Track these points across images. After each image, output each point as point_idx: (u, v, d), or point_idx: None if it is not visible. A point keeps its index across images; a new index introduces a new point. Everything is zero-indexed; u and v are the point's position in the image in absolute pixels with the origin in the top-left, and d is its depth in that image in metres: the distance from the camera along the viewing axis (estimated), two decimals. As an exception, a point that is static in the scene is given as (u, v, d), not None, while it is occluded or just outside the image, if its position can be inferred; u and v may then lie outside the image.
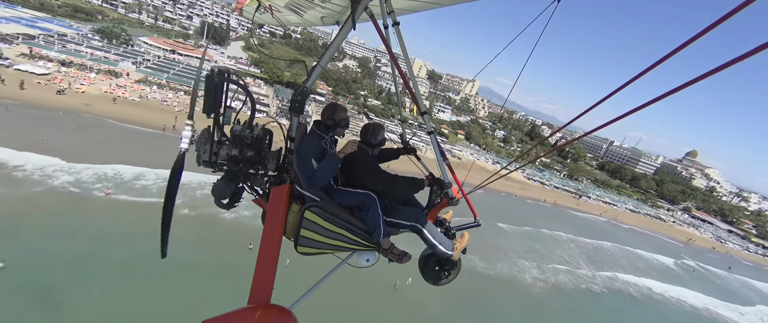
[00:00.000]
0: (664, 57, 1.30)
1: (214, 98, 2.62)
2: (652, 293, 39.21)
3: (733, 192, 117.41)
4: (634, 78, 1.43)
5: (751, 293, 50.66)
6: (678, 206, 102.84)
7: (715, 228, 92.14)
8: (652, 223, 78.67)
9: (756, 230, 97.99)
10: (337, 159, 2.74)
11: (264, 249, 2.64)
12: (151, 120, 40.36)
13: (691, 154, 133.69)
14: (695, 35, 1.18)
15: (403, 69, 2.81)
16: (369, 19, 2.83)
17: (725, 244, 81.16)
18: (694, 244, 72.42)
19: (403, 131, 4.06)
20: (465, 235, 3.38)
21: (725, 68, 1.07)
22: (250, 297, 2.53)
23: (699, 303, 40.21)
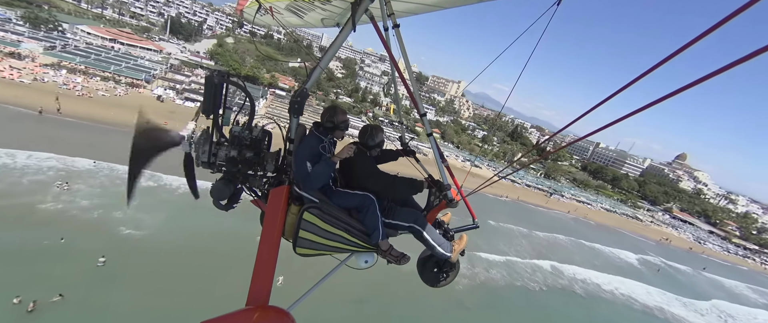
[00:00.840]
0: (658, 64, 1.33)
1: (213, 99, 2.60)
2: (599, 290, 36.29)
3: (720, 195, 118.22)
4: (626, 85, 1.46)
5: (716, 291, 49.23)
6: (659, 207, 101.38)
7: (695, 229, 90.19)
8: (626, 222, 76.45)
9: (739, 232, 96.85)
10: (332, 164, 2.75)
11: (262, 250, 2.63)
12: (29, 102, 36.46)
13: (681, 157, 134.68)
14: (689, 42, 1.20)
15: (403, 71, 2.88)
16: (369, 21, 2.85)
17: (704, 245, 79.19)
18: (670, 244, 70.71)
19: (403, 132, 4.06)
20: (463, 237, 3.45)
21: (717, 75, 1.10)
22: (249, 298, 2.50)
23: (652, 301, 37.49)
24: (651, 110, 1.36)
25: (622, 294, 36.79)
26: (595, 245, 50.19)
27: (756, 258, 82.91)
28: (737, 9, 1.04)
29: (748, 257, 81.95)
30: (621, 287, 38.12)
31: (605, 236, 56.92)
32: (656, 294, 39.55)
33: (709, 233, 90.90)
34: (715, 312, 40.85)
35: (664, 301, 38.45)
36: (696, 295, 43.47)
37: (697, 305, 40.59)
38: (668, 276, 48.00)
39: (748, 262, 77.83)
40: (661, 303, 37.64)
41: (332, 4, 3.14)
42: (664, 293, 40.37)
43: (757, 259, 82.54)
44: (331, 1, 3.08)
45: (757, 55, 1.00)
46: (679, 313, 36.51)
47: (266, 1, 3.71)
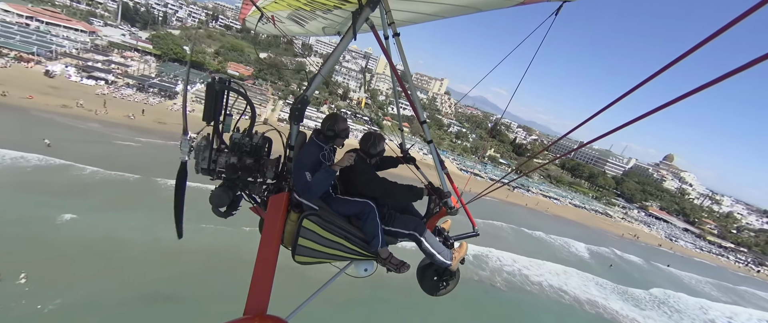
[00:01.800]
0: (656, 73, 1.35)
1: (214, 105, 2.60)
2: (526, 282, 32.61)
3: (704, 195, 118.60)
4: (625, 94, 1.48)
5: (667, 284, 45.89)
6: (635, 205, 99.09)
7: (668, 226, 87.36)
8: (593, 218, 73.60)
9: (718, 231, 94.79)
10: (333, 173, 2.73)
11: (261, 258, 2.58)
12: None
13: (668, 158, 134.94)
14: (687, 52, 1.22)
15: (403, 79, 2.88)
16: (370, 29, 2.86)
17: (675, 242, 76.06)
18: (638, 240, 67.28)
19: (403, 139, 4.03)
20: (463, 245, 3.41)
21: (713, 85, 1.12)
22: (247, 308, 2.45)
23: (585, 294, 33.99)
24: (651, 116, 1.38)
25: (552, 287, 33.26)
26: (539, 233, 47.10)
27: (730, 256, 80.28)
28: (742, 14, 1.07)
29: (722, 255, 79.30)
30: (553, 279, 34.59)
31: (560, 229, 53.90)
32: (594, 288, 36.23)
33: (684, 230, 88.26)
34: (654, 302, 38.24)
35: (601, 295, 35.08)
36: (642, 287, 41.01)
37: (637, 297, 37.67)
38: (620, 271, 44.70)
39: (721, 260, 75.39)
40: (597, 297, 34.26)
41: (333, 13, 3.24)
42: (604, 286, 37.04)
43: (731, 257, 79.92)
44: (333, 11, 3.18)
45: (760, 62, 1.02)
46: (613, 307, 33.08)
47: (268, 10, 3.76)
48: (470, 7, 2.69)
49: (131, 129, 38.89)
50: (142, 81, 52.41)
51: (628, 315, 32.62)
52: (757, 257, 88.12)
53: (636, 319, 32.42)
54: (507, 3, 2.50)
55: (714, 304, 43.92)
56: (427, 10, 2.93)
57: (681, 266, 58.43)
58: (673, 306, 38.57)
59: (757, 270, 77.66)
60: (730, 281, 60.04)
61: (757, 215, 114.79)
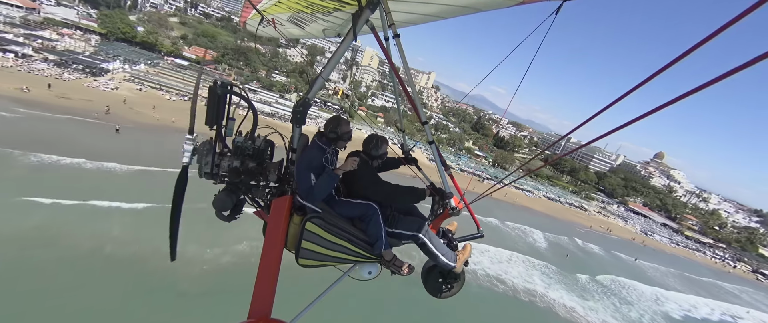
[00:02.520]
0: (655, 74, 1.36)
1: (216, 109, 2.59)
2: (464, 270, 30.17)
3: (691, 192, 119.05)
4: (624, 95, 1.50)
5: (624, 274, 43.75)
6: (615, 200, 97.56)
7: (646, 221, 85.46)
8: (566, 210, 71.63)
9: (699, 227, 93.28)
10: (336, 176, 2.73)
11: (265, 261, 2.58)
12: None
13: (658, 155, 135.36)
14: (686, 52, 1.22)
15: (404, 80, 2.91)
16: (370, 31, 2.86)
17: (651, 236, 73.87)
18: (610, 233, 65.17)
19: (404, 140, 4.05)
20: (467, 246, 3.39)
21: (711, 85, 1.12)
22: (251, 311, 2.46)
23: (523, 283, 31.36)
24: (649, 117, 1.38)
25: (488, 275, 30.79)
26: (493, 220, 44.52)
27: (707, 252, 78.27)
28: (740, 14, 1.08)
29: (698, 250, 77.30)
30: (493, 267, 32.15)
31: (522, 218, 51.45)
32: (538, 276, 33.84)
33: (663, 226, 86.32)
34: (604, 292, 35.94)
35: (544, 283, 32.71)
36: (593, 275, 39.03)
37: (584, 287, 35.39)
38: (576, 260, 42.34)
39: (696, 255, 73.57)
40: (537, 285, 31.87)
41: (334, 15, 3.25)
42: (550, 276, 34.55)
43: (708, 253, 77.85)
44: (333, 13, 3.19)
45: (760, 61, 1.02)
46: (552, 296, 30.68)
47: (269, 13, 3.76)
48: (470, 8, 2.72)
49: (16, 101, 35.91)
50: (64, 56, 49.80)
51: (566, 305, 30.27)
52: (737, 253, 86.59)
53: (575, 308, 30.07)
54: (507, 3, 2.50)
55: (670, 293, 42.50)
56: (427, 10, 2.99)
57: (650, 259, 56.61)
58: (625, 298, 36.35)
59: (733, 265, 75.85)
60: (699, 274, 59.12)
61: (744, 213, 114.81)
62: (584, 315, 29.34)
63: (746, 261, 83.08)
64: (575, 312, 29.58)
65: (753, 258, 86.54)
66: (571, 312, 29.27)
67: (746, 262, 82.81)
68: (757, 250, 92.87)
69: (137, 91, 49.30)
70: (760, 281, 73.74)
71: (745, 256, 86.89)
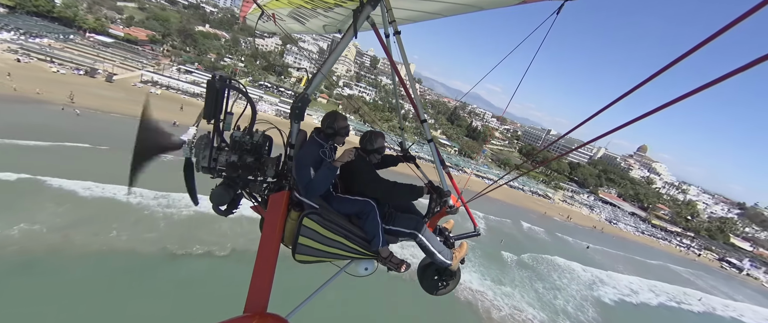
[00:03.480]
0: (654, 74, 1.37)
1: (214, 103, 2.57)
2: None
3: (671, 183, 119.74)
4: (622, 96, 1.52)
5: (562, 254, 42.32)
6: (586, 189, 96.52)
7: (613, 210, 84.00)
8: (526, 198, 70.08)
9: (670, 216, 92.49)
10: (334, 169, 2.71)
11: (261, 256, 2.57)
12: None
13: (642, 149, 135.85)
14: (686, 52, 1.23)
15: (404, 77, 2.90)
16: (371, 28, 2.81)
17: (615, 224, 72.07)
18: (569, 221, 63.38)
19: (403, 138, 4.02)
20: (464, 244, 3.39)
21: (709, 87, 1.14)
22: (247, 306, 2.44)
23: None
24: (647, 118, 1.41)
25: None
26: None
27: (673, 240, 76.90)
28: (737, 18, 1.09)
29: (665, 239, 75.86)
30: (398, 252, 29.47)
31: (473, 204, 48.67)
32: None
33: (631, 214, 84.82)
34: (524, 276, 33.39)
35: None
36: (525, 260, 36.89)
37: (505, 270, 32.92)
38: (512, 245, 39.94)
39: (660, 243, 71.86)
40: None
41: (334, 11, 3.22)
42: (472, 259, 32.06)
43: (674, 241, 76.44)
44: (333, 9, 3.16)
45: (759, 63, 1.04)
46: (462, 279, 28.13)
47: (269, 8, 3.77)
48: (472, 6, 2.69)
49: None
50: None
51: (478, 289, 27.84)
52: (705, 242, 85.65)
53: (485, 293, 27.67)
54: (508, 1, 2.47)
55: (610, 275, 40.93)
56: (429, 8, 2.95)
57: (606, 245, 55.66)
58: (554, 282, 34.13)
59: (698, 253, 74.63)
60: (652, 258, 58.28)
61: (723, 205, 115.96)
62: (492, 300, 26.96)
63: (713, 250, 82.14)
64: (484, 296, 27.19)
65: (721, 246, 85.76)
66: (478, 296, 26.86)
67: (713, 251, 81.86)
68: (728, 239, 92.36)
69: (15, 62, 45.27)
70: (724, 269, 72.71)
71: (714, 245, 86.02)
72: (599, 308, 32.18)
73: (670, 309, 38.81)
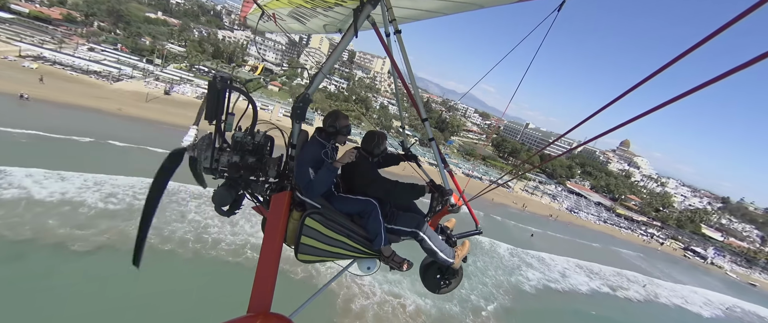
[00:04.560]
0: (653, 74, 1.38)
1: (216, 104, 2.57)
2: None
3: (649, 177, 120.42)
4: (619, 96, 1.55)
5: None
6: (554, 180, 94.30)
7: (578, 199, 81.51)
8: (481, 186, 65.60)
9: (639, 207, 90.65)
10: (335, 170, 2.71)
11: (264, 256, 2.59)
12: None
13: (624, 143, 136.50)
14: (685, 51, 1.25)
15: (405, 76, 2.91)
16: (371, 27, 2.80)
17: (576, 214, 69.25)
18: (525, 209, 61.39)
19: (405, 137, 4.07)
20: (466, 243, 3.38)
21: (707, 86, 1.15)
22: (250, 306, 2.47)
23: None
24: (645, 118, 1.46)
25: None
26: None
27: (638, 229, 74.64)
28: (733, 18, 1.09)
29: (629, 228, 73.28)
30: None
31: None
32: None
33: (597, 204, 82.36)
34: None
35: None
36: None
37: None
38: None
39: (621, 232, 69.14)
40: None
41: (334, 10, 3.19)
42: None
43: (638, 230, 74.09)
44: (334, 8, 3.13)
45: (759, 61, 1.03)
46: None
47: (269, 8, 3.75)
48: (472, 4, 2.66)
49: None
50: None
51: (353, 273, 24.28)
52: (673, 232, 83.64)
53: (358, 279, 24.15)
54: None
55: (543, 256, 38.82)
56: (429, 6, 2.94)
57: (557, 231, 53.30)
58: (467, 269, 30.67)
59: (661, 242, 72.29)
60: (608, 245, 56.75)
61: (701, 198, 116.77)
62: (363, 286, 23.35)
63: (680, 239, 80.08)
64: (356, 282, 23.63)
65: (688, 235, 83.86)
66: (348, 282, 23.30)
67: (680, 240, 79.80)
68: (699, 229, 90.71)
69: None
70: (687, 257, 70.36)
71: (682, 234, 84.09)
72: (512, 296, 28.78)
73: (603, 295, 35.68)
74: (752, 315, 49.36)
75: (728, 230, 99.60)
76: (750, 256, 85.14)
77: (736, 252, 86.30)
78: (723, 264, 72.52)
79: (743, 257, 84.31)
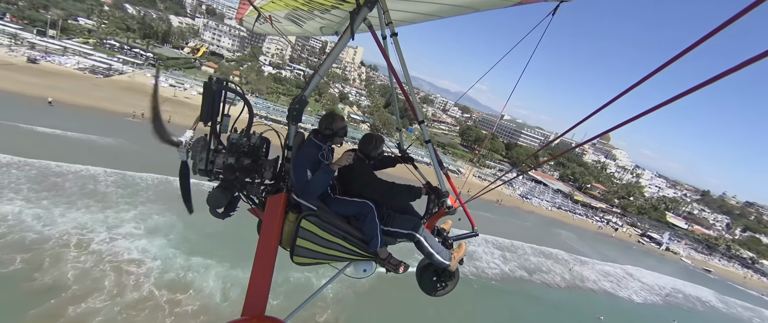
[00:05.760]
0: (647, 76, 1.40)
1: (211, 106, 2.54)
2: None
3: (625, 168, 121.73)
4: (618, 96, 1.56)
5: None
6: (515, 168, 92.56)
7: (534, 186, 79.76)
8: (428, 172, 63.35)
9: (602, 195, 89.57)
10: (331, 172, 2.70)
11: (259, 259, 2.56)
12: None
13: (604, 137, 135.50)
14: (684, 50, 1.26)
15: (401, 79, 2.94)
16: (368, 29, 2.85)
17: (528, 200, 67.06)
18: (468, 194, 57.49)
19: (401, 139, 4.02)
20: (462, 245, 3.36)
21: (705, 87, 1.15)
22: (245, 309, 2.43)
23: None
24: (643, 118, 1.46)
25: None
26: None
27: (595, 216, 72.95)
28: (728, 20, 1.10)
29: (585, 215, 71.42)
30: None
31: None
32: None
33: (557, 192, 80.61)
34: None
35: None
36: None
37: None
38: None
39: (573, 217, 67.56)
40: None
41: (331, 13, 3.20)
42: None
43: (597, 218, 72.54)
44: (330, 11, 3.13)
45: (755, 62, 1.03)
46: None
47: (266, 10, 3.71)
48: (468, 7, 2.70)
49: None
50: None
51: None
52: (634, 220, 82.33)
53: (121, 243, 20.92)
54: (504, 3, 2.47)
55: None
56: (425, 9, 2.94)
57: (497, 214, 51.61)
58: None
59: (615, 228, 70.52)
60: (541, 224, 56.81)
61: (677, 189, 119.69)
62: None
63: (639, 226, 78.59)
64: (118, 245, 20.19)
65: (647, 222, 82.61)
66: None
67: (639, 226, 78.30)
68: (664, 217, 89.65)
69: None
70: (641, 243, 68.57)
71: (643, 221, 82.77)
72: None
73: (507, 280, 32.71)
74: (694, 299, 47.37)
75: (695, 218, 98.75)
76: (711, 243, 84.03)
77: (698, 239, 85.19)
78: (678, 250, 70.96)
79: (704, 244, 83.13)
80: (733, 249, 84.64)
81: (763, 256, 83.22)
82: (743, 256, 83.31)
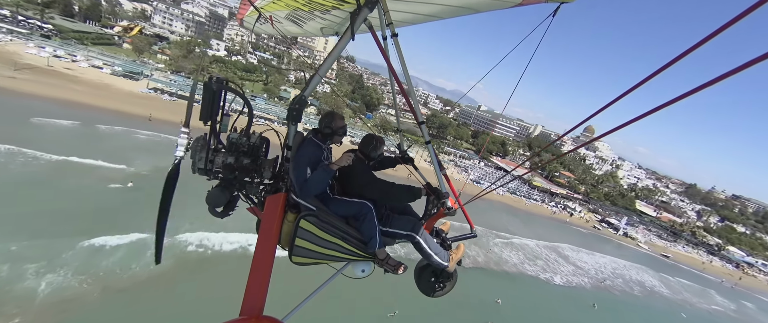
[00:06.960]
0: (651, 75, 1.39)
1: (211, 105, 2.55)
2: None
3: (604, 159, 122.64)
4: (617, 98, 1.56)
5: None
6: (478, 156, 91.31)
7: (487, 171, 78.68)
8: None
9: (568, 183, 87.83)
10: (331, 171, 2.69)
11: (258, 258, 2.54)
12: None
13: (588, 130, 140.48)
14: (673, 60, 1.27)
15: (402, 80, 2.87)
16: (368, 30, 2.84)
17: (478, 184, 64.81)
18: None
19: (401, 140, 4.01)
20: (461, 246, 3.36)
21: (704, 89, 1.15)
22: (243, 309, 2.43)
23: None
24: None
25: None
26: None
27: (551, 202, 70.69)
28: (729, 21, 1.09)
29: (543, 201, 69.15)
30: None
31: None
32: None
33: (515, 177, 77.94)
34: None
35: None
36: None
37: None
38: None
39: (525, 202, 65.04)
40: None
41: (331, 13, 3.20)
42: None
43: (553, 203, 70.25)
44: (331, 11, 3.14)
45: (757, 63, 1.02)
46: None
47: (266, 11, 3.72)
48: (469, 8, 2.70)
49: None
50: None
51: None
52: (597, 206, 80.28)
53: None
54: (505, 4, 2.48)
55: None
56: (426, 10, 2.95)
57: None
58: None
59: (570, 213, 68.18)
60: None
61: (656, 181, 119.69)
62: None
63: (600, 212, 76.43)
64: None
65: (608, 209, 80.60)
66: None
67: (600, 213, 76.15)
68: (633, 204, 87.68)
69: None
70: (597, 228, 66.19)
71: (606, 208, 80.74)
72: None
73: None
74: (634, 283, 44.91)
75: (666, 207, 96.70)
76: (676, 229, 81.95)
77: (664, 226, 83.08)
78: (636, 236, 68.59)
79: (669, 231, 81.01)
80: (699, 236, 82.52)
81: (731, 243, 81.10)
82: (710, 242, 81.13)
